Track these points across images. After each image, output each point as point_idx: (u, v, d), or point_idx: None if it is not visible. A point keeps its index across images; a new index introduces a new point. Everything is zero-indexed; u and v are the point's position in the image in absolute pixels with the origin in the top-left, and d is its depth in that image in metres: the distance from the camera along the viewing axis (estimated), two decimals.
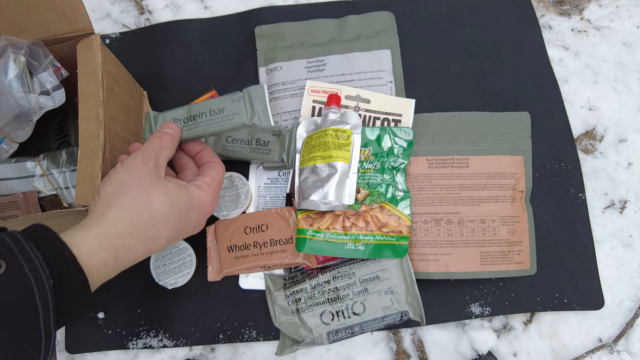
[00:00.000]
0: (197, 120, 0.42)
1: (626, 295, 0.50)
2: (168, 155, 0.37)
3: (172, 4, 0.61)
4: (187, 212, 0.35)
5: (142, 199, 0.32)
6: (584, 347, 0.49)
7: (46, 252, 0.26)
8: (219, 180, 0.39)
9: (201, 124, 0.42)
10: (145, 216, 0.32)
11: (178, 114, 0.43)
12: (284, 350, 0.46)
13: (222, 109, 0.43)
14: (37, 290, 0.24)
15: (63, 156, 0.47)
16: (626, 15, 0.59)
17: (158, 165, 0.35)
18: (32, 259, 0.25)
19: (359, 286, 0.45)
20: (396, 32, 0.56)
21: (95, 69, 0.39)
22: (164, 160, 0.36)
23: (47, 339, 0.25)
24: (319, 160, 0.45)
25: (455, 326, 0.50)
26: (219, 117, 0.42)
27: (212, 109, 0.42)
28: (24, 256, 0.25)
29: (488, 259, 0.47)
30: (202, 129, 0.42)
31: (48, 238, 0.27)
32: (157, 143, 0.36)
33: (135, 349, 0.49)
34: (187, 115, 0.42)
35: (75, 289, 0.27)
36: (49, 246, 0.27)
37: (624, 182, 0.53)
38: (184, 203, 0.34)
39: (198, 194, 0.36)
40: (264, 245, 0.47)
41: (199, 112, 0.43)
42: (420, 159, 0.49)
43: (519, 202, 0.48)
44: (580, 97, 0.56)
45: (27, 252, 0.25)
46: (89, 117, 0.38)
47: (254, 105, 0.43)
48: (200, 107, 0.43)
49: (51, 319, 0.25)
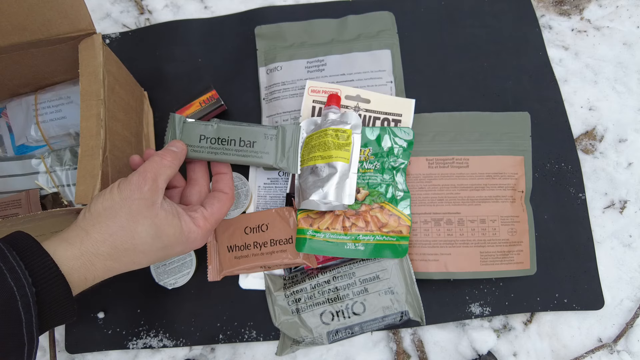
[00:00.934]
0: (225, 146, 0.40)
1: (626, 295, 0.50)
2: (169, 174, 0.35)
3: (172, 4, 0.61)
4: (171, 244, 0.34)
5: (129, 226, 0.31)
6: (584, 347, 0.49)
7: (28, 262, 0.26)
8: (219, 216, 0.37)
9: (229, 151, 0.40)
10: (128, 244, 0.31)
11: (207, 131, 0.40)
12: (284, 350, 0.46)
13: (252, 143, 0.41)
14: (20, 298, 0.25)
15: (67, 154, 0.47)
16: (626, 15, 0.59)
17: (155, 189, 0.33)
18: (14, 267, 0.25)
19: (359, 286, 0.45)
20: (396, 32, 0.56)
21: (97, 69, 0.39)
22: (163, 182, 0.34)
23: (30, 344, 0.26)
24: (319, 160, 0.45)
25: (455, 326, 0.50)
26: (248, 151, 0.41)
27: (243, 139, 0.41)
28: (6, 265, 0.25)
29: (488, 259, 0.47)
30: (227, 157, 0.40)
31: (31, 247, 0.27)
32: (158, 162, 0.34)
33: (135, 349, 0.49)
34: (216, 135, 0.40)
35: (58, 297, 0.27)
36: (31, 255, 0.27)
37: (624, 182, 0.53)
38: (171, 236, 0.33)
39: (190, 227, 0.34)
40: (264, 245, 0.47)
41: (228, 137, 0.41)
42: (420, 159, 0.49)
43: (519, 202, 0.48)
44: (580, 97, 0.56)
45: (9, 261, 0.25)
46: (90, 116, 0.38)
47: (286, 146, 0.42)
48: (231, 132, 0.41)
49: (34, 326, 0.25)
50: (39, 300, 0.26)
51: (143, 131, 0.51)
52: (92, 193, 0.36)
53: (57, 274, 0.27)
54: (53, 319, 0.28)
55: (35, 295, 0.26)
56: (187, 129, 0.40)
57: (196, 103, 0.51)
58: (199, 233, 0.35)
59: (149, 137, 0.53)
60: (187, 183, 0.40)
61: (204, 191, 0.39)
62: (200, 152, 0.40)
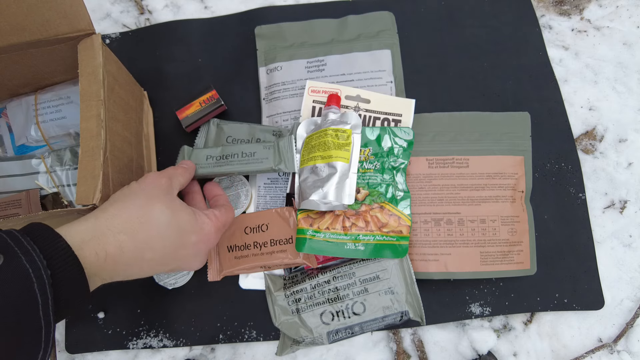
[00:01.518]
0: (230, 159, 0.46)
1: (626, 295, 0.50)
2: (181, 182, 0.39)
3: (172, 4, 0.61)
4: (187, 231, 0.35)
5: (146, 205, 0.33)
6: (584, 347, 0.49)
7: (42, 245, 0.27)
8: (227, 219, 0.40)
9: (233, 162, 0.46)
10: (143, 218, 0.32)
11: (212, 152, 0.47)
12: (284, 350, 0.46)
13: (253, 153, 0.46)
14: (36, 280, 0.25)
15: (67, 154, 0.47)
16: (626, 15, 0.59)
17: (170, 184, 0.36)
18: (29, 251, 0.25)
19: (359, 286, 0.45)
20: (396, 32, 0.56)
21: (96, 69, 0.39)
22: (177, 184, 0.38)
23: (47, 329, 0.25)
24: (319, 160, 0.45)
25: (455, 326, 0.50)
26: (250, 159, 0.46)
27: (244, 151, 0.47)
28: (21, 249, 0.25)
29: (488, 259, 0.47)
30: (233, 167, 0.46)
31: (44, 232, 0.28)
32: (172, 170, 0.39)
33: (135, 349, 0.49)
34: (221, 154, 0.47)
35: (72, 279, 0.27)
36: (44, 239, 0.27)
37: (624, 182, 0.53)
38: (186, 222, 0.35)
39: (203, 219, 0.37)
40: (264, 245, 0.47)
41: (231, 152, 0.47)
42: (420, 159, 0.49)
43: (519, 202, 0.48)
44: (580, 97, 0.56)
45: (24, 246, 0.26)
46: (90, 117, 0.38)
47: (282, 153, 0.46)
48: (234, 149, 0.47)
49: (50, 309, 0.25)
50: (54, 283, 0.26)
51: (143, 131, 0.51)
52: (93, 194, 0.36)
53: (70, 254, 0.27)
54: (69, 303, 0.27)
55: (50, 277, 0.26)
56: (195, 155, 0.47)
57: (196, 103, 0.51)
58: (212, 225, 0.37)
59: (149, 137, 0.53)
60: (185, 198, 0.43)
61: (203, 205, 0.43)
62: (207, 168, 0.46)
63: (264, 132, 0.50)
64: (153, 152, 0.53)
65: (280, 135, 0.50)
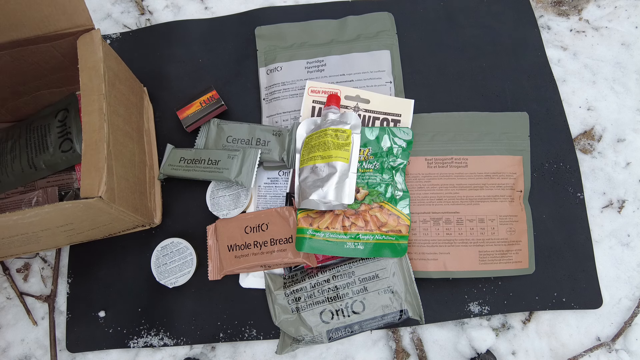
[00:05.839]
0: (196, 165, 0.49)
1: (624, 294, 0.51)
2: None
3: (173, 4, 0.62)
4: None
5: None
6: (582, 346, 0.49)
7: None
8: None
9: (198, 168, 0.48)
10: None
11: (186, 154, 0.50)
12: (284, 348, 0.47)
13: (217, 161, 0.48)
14: None
15: None
16: (624, 16, 0.59)
17: None
18: None
19: (358, 285, 0.46)
20: (395, 32, 0.56)
21: (97, 64, 0.39)
22: None
23: None
24: (319, 160, 0.45)
25: (454, 325, 0.50)
26: (212, 168, 0.48)
27: (211, 158, 0.49)
28: None
29: (487, 258, 0.47)
30: (197, 173, 0.48)
31: None
32: None
33: (136, 347, 0.49)
34: (193, 157, 0.49)
35: None
36: None
37: (622, 182, 0.53)
38: None
39: None
40: (264, 244, 0.47)
41: (200, 158, 0.49)
42: (419, 158, 0.49)
43: (518, 201, 0.49)
44: (578, 97, 0.56)
45: None
46: (92, 111, 0.38)
47: (243, 166, 0.48)
48: (204, 154, 0.49)
49: None
50: None
51: (144, 126, 0.51)
52: (98, 186, 0.36)
53: None
54: None
55: None
56: (173, 154, 0.50)
57: (197, 103, 0.52)
58: None
59: (150, 132, 0.53)
60: None
61: None
62: (178, 170, 0.49)
63: (264, 132, 0.50)
64: (154, 147, 0.53)
65: (280, 134, 0.50)
